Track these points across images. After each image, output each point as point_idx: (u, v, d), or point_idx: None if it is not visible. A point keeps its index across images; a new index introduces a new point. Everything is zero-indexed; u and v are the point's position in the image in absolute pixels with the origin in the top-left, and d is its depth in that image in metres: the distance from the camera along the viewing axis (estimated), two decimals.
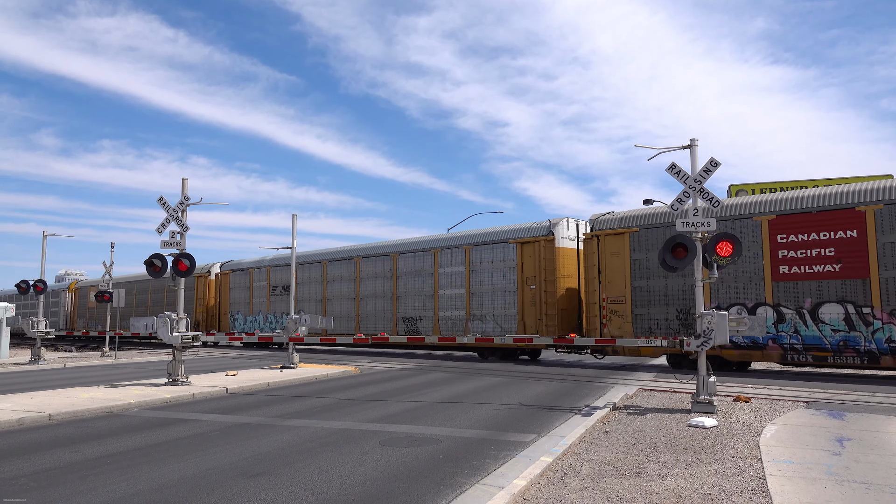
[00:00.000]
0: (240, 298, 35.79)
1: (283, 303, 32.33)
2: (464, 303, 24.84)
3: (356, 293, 29.29)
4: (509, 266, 23.65)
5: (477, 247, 24.79)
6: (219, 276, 37.79)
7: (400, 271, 27.46)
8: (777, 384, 15.06)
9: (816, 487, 6.11)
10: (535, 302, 22.49)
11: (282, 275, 32.79)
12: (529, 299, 22.75)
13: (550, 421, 10.31)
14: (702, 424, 9.48)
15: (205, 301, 38.29)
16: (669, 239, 11.19)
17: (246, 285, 35.34)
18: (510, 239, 23.87)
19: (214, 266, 38.70)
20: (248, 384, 15.42)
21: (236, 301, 35.95)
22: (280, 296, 32.88)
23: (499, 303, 23.81)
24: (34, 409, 11.20)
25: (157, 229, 15.97)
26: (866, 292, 15.93)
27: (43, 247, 26.60)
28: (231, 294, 36.33)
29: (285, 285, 31.74)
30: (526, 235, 23.43)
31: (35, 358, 24.62)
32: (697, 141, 11.54)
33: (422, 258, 26.74)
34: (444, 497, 6.11)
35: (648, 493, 6.06)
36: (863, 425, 9.46)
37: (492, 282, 24.12)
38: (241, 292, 35.74)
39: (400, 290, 27.35)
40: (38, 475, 7.06)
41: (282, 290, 32.55)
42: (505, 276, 23.77)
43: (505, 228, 24.60)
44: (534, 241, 23.03)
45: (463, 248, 25.25)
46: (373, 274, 28.68)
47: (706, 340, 10.92)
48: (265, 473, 7.03)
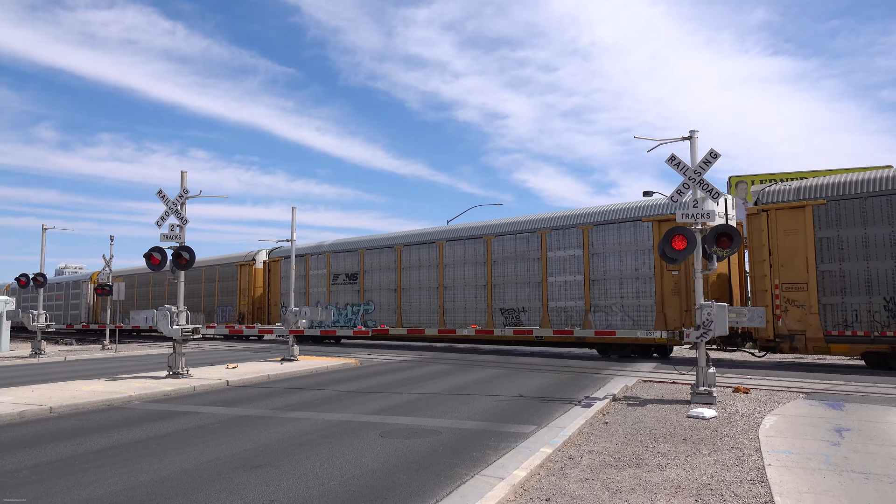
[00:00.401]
0: (293, 288, 32.69)
1: (347, 293, 29.82)
2: (581, 291, 21.77)
3: (439, 282, 26.21)
4: (643, 248, 20.35)
5: (598, 227, 21.46)
6: (267, 265, 34.61)
7: (496, 256, 24.45)
8: (776, 375, 15.10)
9: (815, 477, 6.13)
10: (679, 290, 19.37)
11: (346, 262, 30.16)
12: (671, 287, 19.60)
13: (550, 412, 10.33)
14: (701, 415, 9.50)
15: (250, 292, 35.35)
16: (669, 230, 11.19)
17: (301, 273, 31.81)
18: (644, 217, 20.52)
19: (260, 253, 35.61)
20: (249, 376, 15.45)
21: (288, 291, 32.67)
22: (344, 285, 30.03)
23: (629, 291, 20.63)
24: (35, 403, 11.23)
25: (157, 222, 15.96)
26: None
27: (42, 240, 26.60)
28: (283, 283, 32.87)
29: (351, 273, 29.61)
30: (665, 212, 20.03)
31: (36, 351, 24.64)
32: (697, 132, 11.53)
33: (524, 241, 23.64)
34: (445, 488, 6.14)
35: (648, 483, 6.08)
36: (862, 416, 9.49)
37: (619, 267, 20.90)
38: (295, 282, 32.66)
39: (497, 278, 24.35)
40: (40, 468, 7.08)
41: (346, 279, 29.93)
42: (637, 259, 20.49)
43: (635, 204, 21.41)
44: (674, 217, 20.06)
45: (578, 229, 22.14)
46: (460, 259, 25.71)
47: (706, 331, 10.94)
48: (266, 465, 7.05)
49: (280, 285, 33.05)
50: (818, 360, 19.30)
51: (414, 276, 27.26)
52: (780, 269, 17.49)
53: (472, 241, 25.43)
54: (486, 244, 24.86)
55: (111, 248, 32.46)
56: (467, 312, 25.14)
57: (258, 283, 35.08)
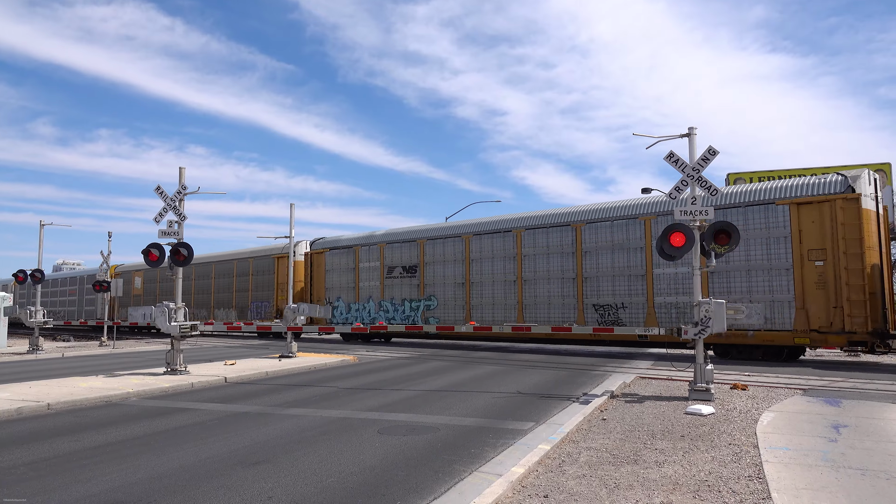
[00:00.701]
0: (340, 282, 29.90)
1: (404, 287, 27.14)
2: (693, 285, 19.59)
3: (517, 274, 23.64)
4: (777, 235, 17.97)
5: (719, 211, 18.52)
6: (309, 257, 31.75)
7: (587, 246, 22.01)
8: (774, 372, 15.12)
9: (813, 474, 6.14)
10: (825, 283, 17.11)
11: (403, 253, 27.36)
12: (814, 280, 17.30)
13: (548, 409, 10.34)
14: (699, 412, 9.52)
15: (288, 287, 34.05)
16: (667, 227, 11.19)
17: (349, 266, 29.58)
18: (779, 199, 18.07)
19: (301, 244, 32.72)
20: (247, 373, 15.45)
21: (335, 286, 30.10)
22: (400, 279, 27.30)
23: (760, 285, 18.17)
24: (33, 399, 11.22)
25: (155, 219, 15.93)
26: None
27: (40, 236, 26.57)
28: (328, 278, 30.41)
29: (409, 265, 26.92)
30: (807, 193, 17.72)
31: (33, 347, 24.62)
32: (696, 129, 11.52)
33: (623, 228, 21.21)
34: (443, 484, 6.14)
35: (646, 480, 6.09)
36: (859, 412, 9.51)
37: (745, 257, 18.45)
38: (342, 275, 29.90)
39: (589, 270, 21.85)
40: (38, 464, 7.07)
41: (403, 272, 27.18)
42: (770, 248, 18.09)
43: (766, 185, 18.84)
44: (821, 200, 17.34)
45: None
46: (542, 250, 23.11)
47: (703, 328, 10.95)
48: (264, 462, 7.05)
49: (325, 279, 30.50)
50: (816, 357, 19.33)
51: (487, 269, 24.56)
52: None
53: (557, 230, 22.81)
54: (574, 232, 22.36)
55: (109, 244, 32.33)
56: (552, 308, 22.51)
57: (299, 276, 31.91)
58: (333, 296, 30.21)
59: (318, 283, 30.99)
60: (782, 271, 17.80)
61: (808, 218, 17.50)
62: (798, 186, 17.97)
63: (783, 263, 17.81)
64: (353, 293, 29.40)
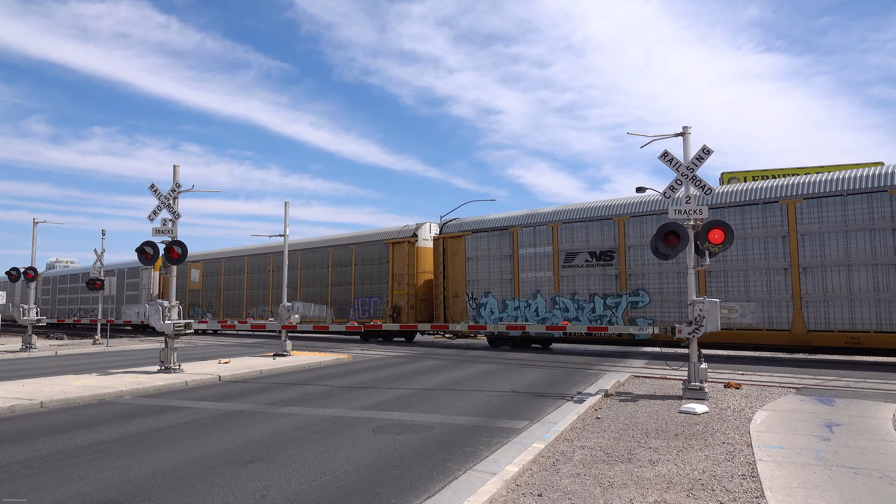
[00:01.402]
0: (489, 274, 23.96)
1: (594, 278, 21.25)
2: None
3: (791, 260, 17.58)
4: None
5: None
6: (442, 242, 25.95)
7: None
8: (768, 370, 15.17)
9: (806, 472, 6.17)
10: None
11: (590, 234, 21.47)
12: None
13: (542, 408, 10.35)
14: (693, 411, 9.54)
15: (409, 279, 26.91)
16: (661, 226, 11.21)
17: (501, 252, 23.87)
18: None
19: (425, 227, 27.74)
20: (241, 372, 15.41)
21: (481, 277, 24.25)
22: (587, 267, 21.37)
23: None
24: (26, 397, 11.16)
25: (149, 217, 15.88)
26: None
27: (33, 234, 26.42)
28: (469, 267, 24.68)
29: (601, 250, 20.99)
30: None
31: (26, 345, 24.51)
32: (690, 128, 11.55)
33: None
34: (437, 483, 6.14)
35: (640, 478, 6.10)
36: (852, 411, 9.55)
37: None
38: (492, 264, 24.12)
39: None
40: (31, 462, 7.04)
41: (591, 259, 21.28)
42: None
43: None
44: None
45: None
46: (832, 226, 17.11)
47: (697, 327, 10.98)
48: (258, 460, 7.04)
49: (466, 269, 24.67)
50: (809, 357, 19.40)
51: (732, 253, 18.49)
52: None
53: (862, 196, 16.69)
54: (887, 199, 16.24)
55: (103, 242, 32.16)
56: (856, 305, 16.62)
57: (424, 266, 26.88)
58: (478, 290, 24.20)
59: (455, 275, 25.04)
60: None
61: None
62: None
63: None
64: (509, 287, 23.42)
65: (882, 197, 16.38)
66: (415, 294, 26.86)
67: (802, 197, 17.57)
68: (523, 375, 14.87)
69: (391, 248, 27.89)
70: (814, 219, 17.34)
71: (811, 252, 17.34)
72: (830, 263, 17.04)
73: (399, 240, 27.65)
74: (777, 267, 17.83)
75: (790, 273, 17.60)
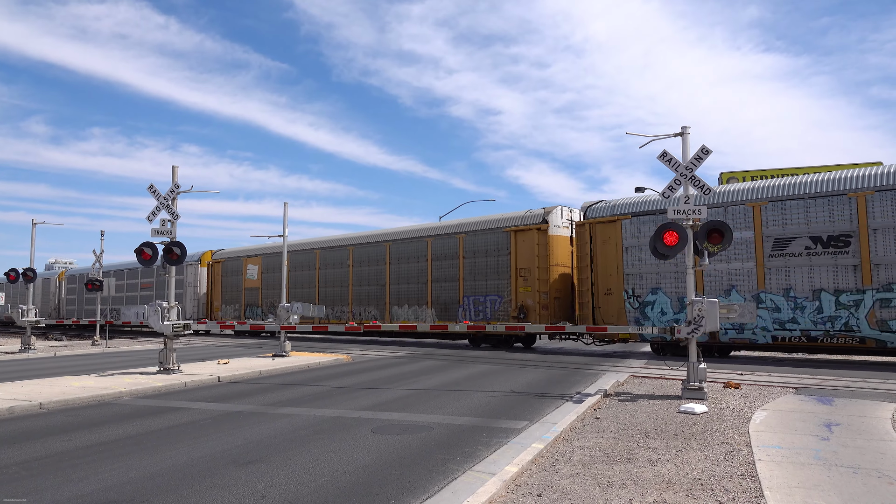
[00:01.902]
0: (656, 266, 19.25)
1: (818, 271, 16.90)
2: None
3: None
4: None
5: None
6: (588, 228, 21.11)
7: None
8: (767, 370, 15.18)
9: (805, 472, 6.17)
10: None
11: (816, 213, 17.04)
12: None
13: (542, 408, 10.35)
14: (692, 411, 9.55)
15: (539, 273, 22.31)
16: (660, 226, 11.21)
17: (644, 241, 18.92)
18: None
19: (556, 211, 22.82)
20: (240, 372, 15.41)
21: (644, 271, 19.69)
22: (807, 256, 17.07)
23: None
24: (25, 398, 11.16)
25: (148, 217, 15.87)
26: None
27: (32, 235, 26.40)
28: (627, 258, 20.11)
29: (828, 235, 16.70)
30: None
31: (25, 346, 24.50)
32: (689, 128, 11.55)
33: None
34: (437, 484, 6.14)
35: (639, 478, 6.10)
36: (851, 411, 9.56)
37: None
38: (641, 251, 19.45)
39: None
40: (30, 463, 7.04)
41: (814, 246, 16.96)
42: None
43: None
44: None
45: None
46: None
47: (696, 327, 10.98)
48: (257, 461, 7.04)
49: (622, 260, 20.16)
50: (809, 356, 19.41)
51: None
52: None
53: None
54: None
55: (102, 242, 32.14)
56: None
57: (557, 258, 22.68)
58: (642, 286, 19.89)
59: (607, 268, 20.50)
60: None
61: None
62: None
63: None
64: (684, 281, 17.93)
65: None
66: (547, 291, 22.31)
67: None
68: (522, 375, 14.87)
69: (512, 236, 23.41)
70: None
71: None
72: None
73: (524, 227, 23.06)
74: None
75: None
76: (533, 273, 22.61)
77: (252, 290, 34.06)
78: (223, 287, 35.44)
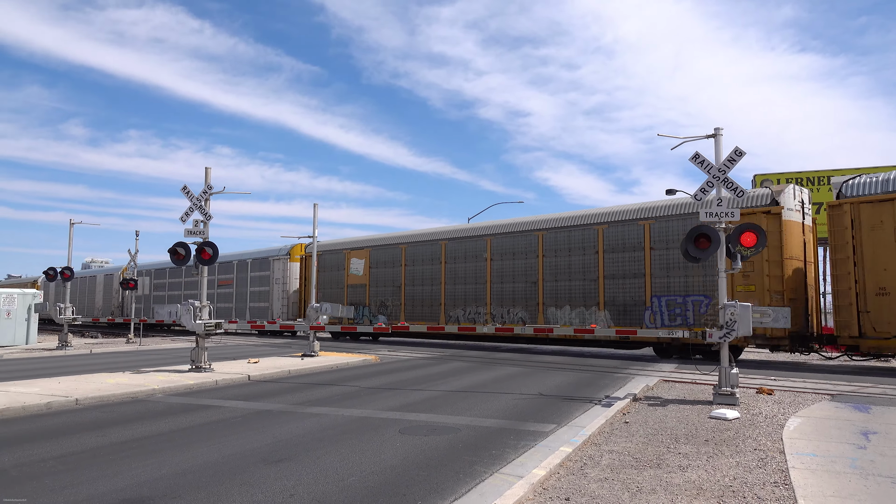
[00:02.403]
0: None
1: None
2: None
3: None
4: None
5: None
6: (847, 211, 17.12)
7: None
8: (801, 377, 14.87)
9: (840, 481, 6.03)
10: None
11: None
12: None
13: (570, 411, 10.28)
14: (723, 416, 9.39)
15: (768, 268, 17.94)
16: (692, 229, 11.06)
17: None
18: None
19: (788, 191, 18.47)
20: (270, 372, 15.58)
21: None
22: None
23: None
24: (61, 394, 11.42)
25: (181, 218, 16.13)
26: None
27: (70, 235, 27.02)
28: None
29: None
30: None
31: (62, 344, 25.10)
32: (722, 130, 11.38)
33: None
34: (464, 485, 6.13)
35: (669, 484, 6.02)
36: (889, 419, 9.31)
37: None
38: None
39: None
40: (66, 458, 7.20)
41: None
42: None
43: None
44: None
45: None
46: None
47: (729, 332, 10.81)
48: (286, 460, 7.10)
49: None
50: (844, 363, 18.97)
51: None
52: None
53: None
54: None
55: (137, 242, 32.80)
56: None
57: (790, 249, 18.13)
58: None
59: (877, 260, 16.55)
60: None
61: None
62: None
63: None
64: None
65: None
66: (781, 292, 17.72)
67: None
68: (551, 378, 14.79)
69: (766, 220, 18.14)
70: None
71: None
72: None
73: (745, 210, 18.00)
74: None
75: None
76: (760, 268, 17.92)
77: (356, 287, 29.70)
78: (320, 284, 29.96)
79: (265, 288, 32.66)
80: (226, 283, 34.79)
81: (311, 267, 22.92)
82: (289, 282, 32.65)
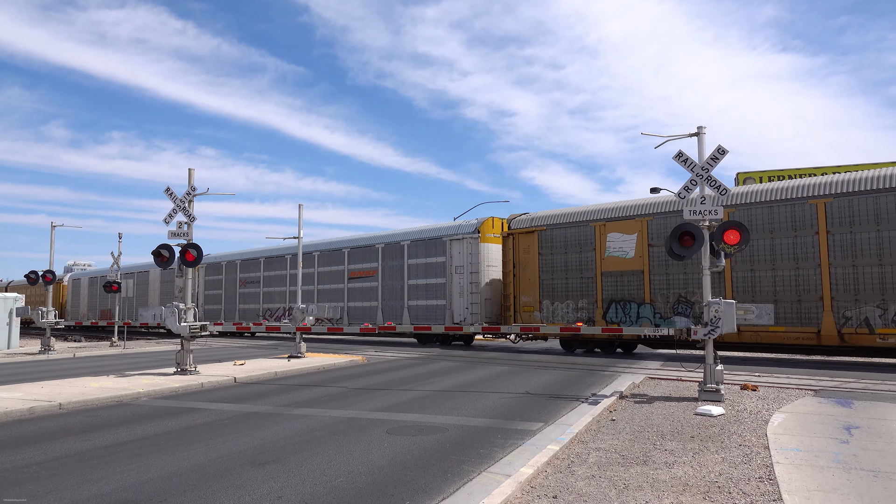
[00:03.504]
0: None
1: None
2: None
3: None
4: None
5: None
6: None
7: None
8: (785, 372, 15.03)
9: (824, 475, 6.10)
10: None
11: None
12: None
13: (557, 409, 10.32)
14: (709, 413, 9.47)
15: None
16: (676, 227, 11.14)
17: None
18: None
19: None
20: (256, 373, 15.50)
21: None
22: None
23: None
24: (45, 399, 11.30)
25: (165, 220, 16.02)
26: None
27: (51, 238, 26.75)
28: None
29: None
30: None
31: (45, 348, 24.80)
32: (705, 129, 11.47)
33: None
34: (452, 485, 6.14)
35: (655, 480, 6.07)
36: (871, 413, 9.44)
37: None
38: None
39: None
40: (49, 463, 7.13)
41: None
42: None
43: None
44: None
45: None
46: None
47: (713, 329, 10.90)
48: (273, 462, 7.07)
49: None
50: (827, 359, 19.19)
51: None
52: None
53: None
54: None
55: (119, 245, 32.57)
56: None
57: None
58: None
59: None
60: None
61: None
62: None
63: None
64: None
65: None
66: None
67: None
68: (538, 377, 14.83)
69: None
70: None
71: None
72: None
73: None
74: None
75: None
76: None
77: (619, 275, 20.58)
78: (541, 271, 22.53)
79: (437, 280, 25.21)
80: (362, 275, 27.49)
81: (531, 249, 21.60)
82: (479, 270, 24.64)
